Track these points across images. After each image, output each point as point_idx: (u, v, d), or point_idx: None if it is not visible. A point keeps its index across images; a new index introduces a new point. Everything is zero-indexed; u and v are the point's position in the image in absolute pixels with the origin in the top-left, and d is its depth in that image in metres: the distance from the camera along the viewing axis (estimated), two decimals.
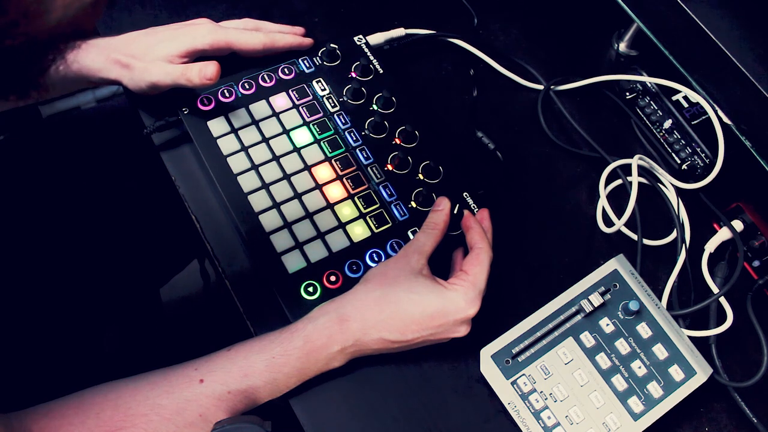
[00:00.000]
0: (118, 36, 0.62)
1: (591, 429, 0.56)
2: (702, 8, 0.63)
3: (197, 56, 0.62)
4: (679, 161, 0.73)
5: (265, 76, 0.66)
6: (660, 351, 0.59)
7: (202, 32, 0.62)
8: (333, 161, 0.64)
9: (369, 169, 0.64)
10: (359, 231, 0.61)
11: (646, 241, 0.67)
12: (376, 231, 0.61)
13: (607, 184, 0.70)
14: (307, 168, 0.63)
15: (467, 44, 0.75)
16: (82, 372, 0.72)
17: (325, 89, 0.67)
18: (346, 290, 0.56)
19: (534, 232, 0.67)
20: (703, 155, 0.70)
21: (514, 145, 0.72)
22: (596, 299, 0.60)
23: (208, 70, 0.58)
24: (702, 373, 0.58)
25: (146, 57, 0.61)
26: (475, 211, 0.63)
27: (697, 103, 0.71)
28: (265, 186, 0.61)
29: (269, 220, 0.60)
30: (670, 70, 0.67)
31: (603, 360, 0.58)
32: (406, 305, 0.53)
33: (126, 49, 0.61)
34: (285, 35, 0.67)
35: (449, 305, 0.54)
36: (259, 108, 0.65)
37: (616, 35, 0.80)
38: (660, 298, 0.64)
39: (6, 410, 0.49)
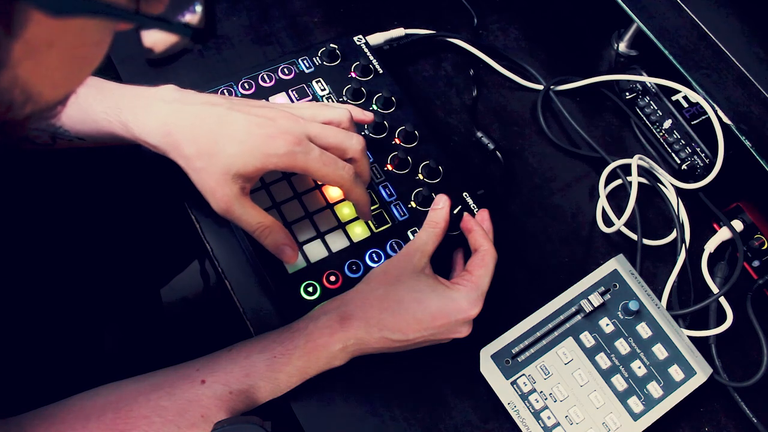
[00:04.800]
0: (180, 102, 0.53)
1: (591, 429, 0.56)
2: (702, 8, 0.63)
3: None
4: (678, 161, 0.73)
5: (265, 76, 0.66)
6: (660, 351, 0.59)
7: (278, 148, 0.51)
8: None
9: None
10: (359, 231, 0.61)
11: (646, 241, 0.67)
12: (375, 231, 0.61)
13: (607, 184, 0.70)
14: None
15: (467, 44, 0.75)
16: (82, 372, 0.72)
17: (324, 89, 0.67)
18: (345, 290, 0.56)
19: (534, 232, 0.67)
20: (702, 155, 0.70)
21: (514, 145, 0.72)
22: (596, 299, 0.60)
23: (290, 254, 0.54)
24: (702, 373, 0.59)
25: (211, 157, 0.51)
26: (475, 211, 0.63)
27: (697, 103, 0.71)
28: (265, 186, 0.61)
29: None
30: (670, 70, 0.67)
31: (603, 360, 0.58)
32: (409, 304, 0.53)
33: (191, 140, 0.51)
34: (368, 171, 0.58)
35: (451, 305, 0.53)
36: None
37: (616, 35, 0.81)
38: (660, 298, 0.64)
39: (5, 410, 0.49)
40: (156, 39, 0.34)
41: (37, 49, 0.26)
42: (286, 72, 0.67)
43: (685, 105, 0.72)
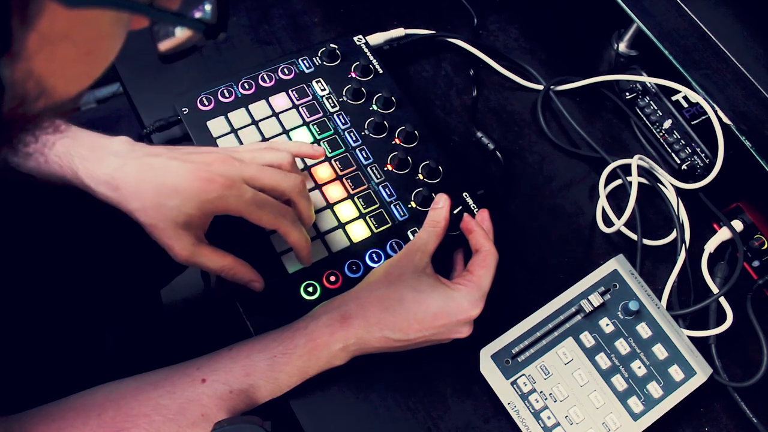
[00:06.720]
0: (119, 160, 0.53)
1: (591, 429, 0.56)
2: (702, 8, 0.63)
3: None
4: (678, 161, 0.73)
5: (265, 76, 0.66)
6: (660, 351, 0.59)
7: (209, 193, 0.51)
8: (333, 161, 0.64)
9: (369, 169, 0.64)
10: (359, 231, 0.61)
11: (645, 241, 0.67)
12: (375, 231, 0.61)
13: (607, 184, 0.70)
14: (307, 168, 0.63)
15: (467, 44, 0.75)
16: (82, 372, 0.72)
17: (324, 89, 0.67)
18: (345, 290, 0.56)
19: (534, 232, 0.67)
20: (702, 155, 0.70)
21: (514, 145, 0.72)
22: (596, 299, 0.60)
23: (258, 287, 0.56)
24: (702, 373, 0.59)
25: (156, 211, 0.51)
26: (475, 211, 0.63)
27: (697, 103, 0.71)
28: None
29: None
30: (670, 70, 0.67)
31: (603, 360, 0.58)
32: (410, 304, 0.53)
33: (136, 195, 0.51)
34: (309, 212, 0.58)
35: (452, 305, 0.54)
36: (259, 108, 0.65)
37: (616, 35, 0.81)
38: (660, 298, 0.64)
39: (5, 410, 0.49)
40: (167, 34, 0.34)
41: (52, 40, 0.26)
42: (286, 72, 0.67)
43: (685, 105, 0.72)
